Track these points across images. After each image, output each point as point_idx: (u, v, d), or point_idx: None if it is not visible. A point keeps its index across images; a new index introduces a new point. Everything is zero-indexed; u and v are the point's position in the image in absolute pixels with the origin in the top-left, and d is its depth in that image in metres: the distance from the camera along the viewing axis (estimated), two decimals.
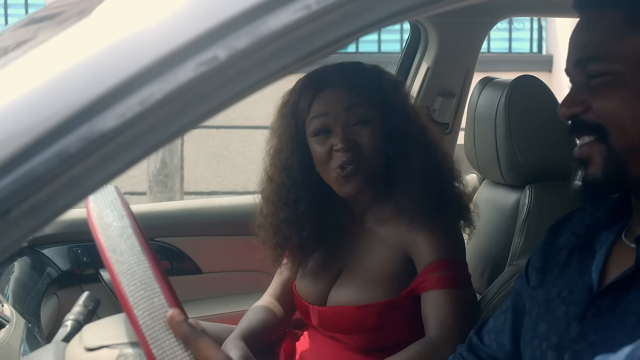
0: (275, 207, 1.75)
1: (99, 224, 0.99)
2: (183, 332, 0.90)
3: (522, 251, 1.81)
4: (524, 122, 1.84)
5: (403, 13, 0.77)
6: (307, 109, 1.68)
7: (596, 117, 1.08)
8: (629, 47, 1.06)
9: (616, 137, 1.06)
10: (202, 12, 0.73)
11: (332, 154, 1.66)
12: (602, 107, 1.07)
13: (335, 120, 1.65)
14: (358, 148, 1.65)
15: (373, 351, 1.72)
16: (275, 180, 1.74)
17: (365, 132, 1.65)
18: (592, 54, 1.08)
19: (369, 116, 1.66)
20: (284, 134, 1.73)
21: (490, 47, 6.63)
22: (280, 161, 1.73)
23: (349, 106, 1.65)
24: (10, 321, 1.64)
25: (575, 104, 1.10)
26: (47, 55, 0.76)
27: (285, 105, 1.74)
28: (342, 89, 1.66)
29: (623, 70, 1.06)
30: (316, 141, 1.68)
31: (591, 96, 1.08)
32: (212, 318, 2.21)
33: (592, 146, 1.09)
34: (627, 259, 1.09)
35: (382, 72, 1.75)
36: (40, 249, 2.25)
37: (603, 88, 1.07)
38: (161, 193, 5.62)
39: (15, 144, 0.68)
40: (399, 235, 1.69)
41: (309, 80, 1.70)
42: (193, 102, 0.72)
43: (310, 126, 1.68)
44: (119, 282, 0.91)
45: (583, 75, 1.10)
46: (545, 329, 1.17)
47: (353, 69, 1.71)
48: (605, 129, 1.07)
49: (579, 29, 1.12)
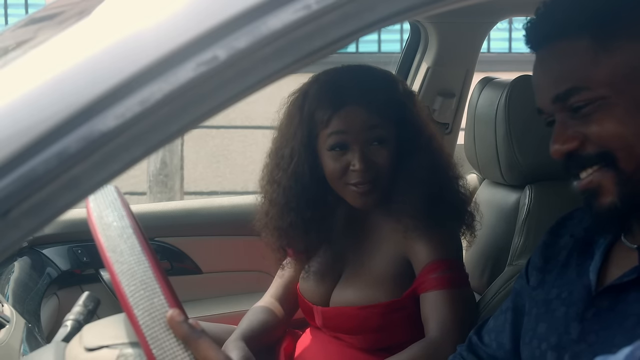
0: (281, 210, 1.74)
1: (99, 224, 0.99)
2: (183, 332, 0.90)
3: (522, 251, 1.81)
4: (524, 122, 1.84)
5: (403, 13, 0.77)
6: (326, 123, 1.65)
7: (597, 146, 1.02)
8: (606, 69, 1.01)
9: (625, 159, 1.01)
10: (202, 12, 0.73)
11: (347, 170, 1.65)
12: (600, 133, 1.01)
13: (354, 139, 1.64)
14: (375, 167, 1.65)
15: (376, 351, 1.72)
16: (283, 184, 1.73)
17: (383, 152, 1.65)
18: (571, 85, 1.03)
19: (386, 135, 1.66)
20: (295, 140, 1.71)
21: (490, 47, 6.62)
22: (291, 166, 1.71)
23: (368, 127, 1.64)
24: (10, 321, 1.64)
25: (569, 139, 1.04)
26: (47, 55, 0.76)
27: (297, 111, 1.71)
28: (363, 108, 1.64)
29: (607, 93, 1.01)
30: (331, 156, 1.67)
31: (583, 127, 1.03)
32: (212, 318, 2.21)
33: (601, 174, 1.03)
34: (627, 259, 1.09)
35: (395, 83, 1.73)
36: (40, 249, 2.25)
37: (594, 115, 1.02)
38: (161, 193, 5.62)
39: (15, 144, 0.68)
40: (398, 239, 1.69)
41: (326, 91, 1.67)
42: (193, 102, 0.72)
43: (326, 140, 1.66)
44: (119, 282, 0.91)
45: (565, 109, 1.04)
46: (544, 330, 1.17)
47: (369, 82, 1.68)
48: (611, 154, 1.01)
49: (545, 65, 1.07)
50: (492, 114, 1.88)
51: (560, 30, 1.05)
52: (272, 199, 1.76)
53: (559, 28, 1.04)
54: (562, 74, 1.04)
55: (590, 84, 1.02)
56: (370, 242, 1.76)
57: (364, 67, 1.73)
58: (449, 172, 1.73)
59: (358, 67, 1.73)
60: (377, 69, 1.74)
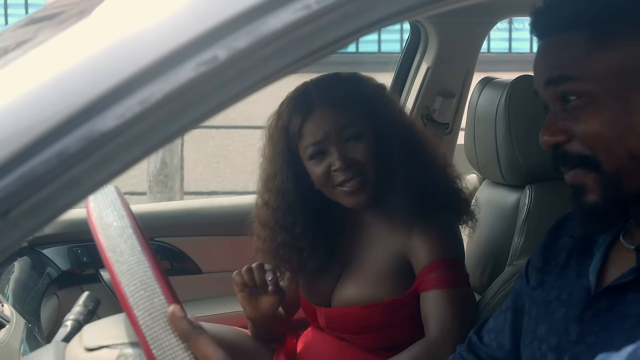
0: (272, 231, 1.76)
1: (99, 224, 0.99)
2: (183, 328, 0.90)
3: (522, 251, 1.81)
4: (524, 122, 1.84)
5: (403, 13, 0.77)
6: (299, 133, 1.68)
7: (581, 146, 1.05)
8: (599, 65, 1.03)
9: (606, 161, 1.04)
10: (202, 12, 0.73)
11: (330, 173, 1.66)
12: (585, 132, 1.04)
13: (328, 141, 1.66)
14: (356, 163, 1.65)
15: (379, 350, 1.72)
16: (271, 205, 1.75)
17: (360, 146, 1.66)
18: (563, 73, 1.05)
19: (360, 130, 1.66)
20: (276, 159, 1.74)
21: (490, 47, 6.63)
22: (276, 186, 1.74)
23: (339, 125, 1.65)
24: (10, 321, 1.64)
25: (557, 132, 1.07)
26: (47, 55, 0.76)
27: (275, 130, 1.74)
28: (329, 109, 1.66)
29: (597, 90, 1.03)
30: (313, 164, 1.68)
31: (572, 122, 1.05)
32: (212, 318, 2.21)
33: (583, 174, 1.06)
34: (625, 260, 1.09)
35: (361, 80, 1.75)
36: (40, 249, 2.25)
37: (581, 113, 1.04)
38: (161, 193, 5.62)
39: (15, 144, 0.68)
40: (396, 238, 1.70)
41: (295, 103, 1.70)
42: (193, 102, 0.72)
43: (304, 150, 1.68)
44: (119, 282, 0.91)
45: (558, 99, 1.07)
46: (544, 331, 1.17)
47: (334, 84, 1.71)
48: (593, 158, 1.04)
49: (544, 52, 1.09)
50: (492, 114, 1.88)
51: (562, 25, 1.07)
52: (263, 221, 1.78)
53: (561, 22, 1.07)
54: (558, 61, 1.07)
55: (582, 76, 1.04)
56: (368, 241, 1.76)
57: (330, 74, 1.75)
58: (435, 160, 1.73)
59: (324, 76, 1.75)
60: (343, 73, 1.76)
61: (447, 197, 1.71)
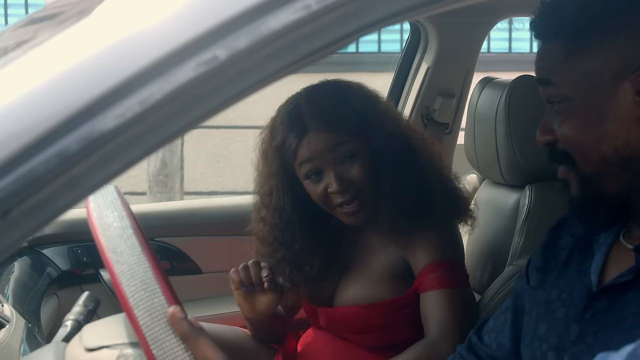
0: (271, 247, 1.75)
1: (99, 224, 0.99)
2: (183, 329, 0.90)
3: (522, 251, 1.81)
4: (524, 122, 1.84)
5: (403, 13, 0.77)
6: (293, 155, 1.66)
7: (563, 145, 1.11)
8: (574, 72, 1.08)
9: (582, 163, 1.10)
10: (202, 12, 0.73)
11: (327, 194, 1.66)
12: (564, 134, 1.11)
13: (324, 163, 1.64)
14: (353, 184, 1.65)
15: (380, 349, 1.73)
16: (268, 222, 1.74)
17: (355, 166, 1.65)
18: (545, 77, 1.12)
19: (355, 148, 1.65)
20: (271, 177, 1.72)
21: (490, 47, 6.63)
22: (273, 202, 1.73)
23: (334, 146, 1.64)
24: (10, 321, 1.64)
25: (547, 132, 1.14)
26: (47, 55, 0.76)
27: (269, 149, 1.72)
28: (323, 132, 1.64)
29: (572, 95, 1.08)
30: (310, 183, 1.68)
31: (556, 124, 1.12)
32: (212, 318, 2.21)
33: (567, 171, 1.13)
34: (625, 260, 1.10)
35: (354, 93, 1.71)
36: (40, 249, 2.25)
37: (561, 115, 1.10)
38: (161, 193, 5.62)
39: (15, 144, 0.68)
40: (394, 241, 1.69)
41: (288, 124, 1.67)
42: (193, 102, 0.72)
43: (300, 169, 1.67)
44: (119, 282, 0.91)
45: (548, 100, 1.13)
46: (545, 331, 1.17)
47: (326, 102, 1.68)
48: (571, 156, 1.10)
49: (537, 54, 1.16)
50: (492, 114, 1.88)
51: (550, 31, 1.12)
52: (261, 238, 1.77)
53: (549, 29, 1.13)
54: (542, 65, 1.13)
55: (559, 82, 1.10)
56: (366, 239, 1.76)
57: (320, 87, 1.73)
58: (432, 164, 1.72)
59: (314, 90, 1.72)
60: (332, 86, 1.73)
61: (445, 199, 1.71)
